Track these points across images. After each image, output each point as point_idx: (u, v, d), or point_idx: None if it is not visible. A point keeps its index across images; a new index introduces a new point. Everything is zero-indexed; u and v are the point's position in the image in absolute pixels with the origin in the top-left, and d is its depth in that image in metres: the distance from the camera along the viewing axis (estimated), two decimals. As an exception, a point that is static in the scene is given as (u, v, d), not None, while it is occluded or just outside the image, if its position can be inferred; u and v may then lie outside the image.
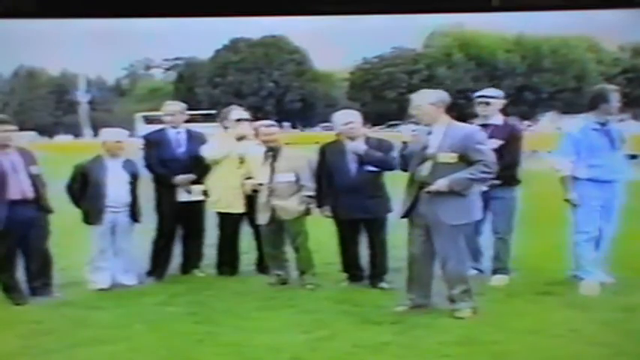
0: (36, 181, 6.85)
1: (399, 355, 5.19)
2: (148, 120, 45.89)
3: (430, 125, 6.02)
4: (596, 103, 6.73)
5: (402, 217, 6.21)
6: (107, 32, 53.82)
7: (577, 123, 6.87)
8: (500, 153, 6.67)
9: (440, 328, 5.69)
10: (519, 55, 71.05)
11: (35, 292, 6.89)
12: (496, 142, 6.75)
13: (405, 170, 6.27)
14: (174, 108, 7.92)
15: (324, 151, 7.25)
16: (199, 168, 7.74)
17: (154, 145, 7.74)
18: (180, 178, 7.62)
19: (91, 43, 60.32)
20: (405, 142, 6.36)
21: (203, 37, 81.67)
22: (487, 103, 7.03)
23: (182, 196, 7.68)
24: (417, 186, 6.03)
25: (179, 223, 7.84)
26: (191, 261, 7.99)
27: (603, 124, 6.71)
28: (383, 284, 7.04)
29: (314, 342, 5.46)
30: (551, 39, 69.89)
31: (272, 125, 7.37)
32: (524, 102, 69.93)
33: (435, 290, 6.26)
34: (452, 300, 6.06)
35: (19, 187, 6.71)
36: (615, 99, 6.71)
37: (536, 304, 6.37)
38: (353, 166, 6.98)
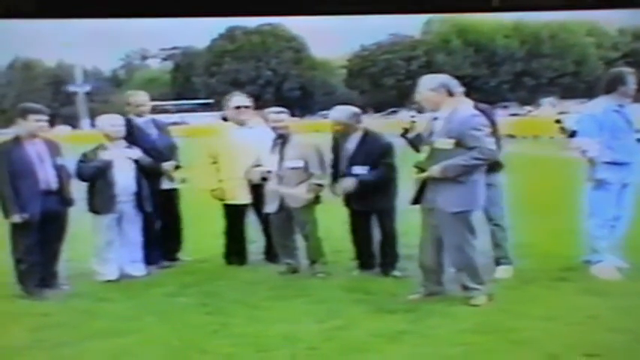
0: (61, 173, 6.77)
1: (415, 344, 5.08)
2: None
3: (435, 111, 5.93)
4: (614, 85, 6.63)
5: (412, 203, 6.12)
6: (103, 23, 53.60)
7: (598, 104, 6.75)
8: None
9: (455, 316, 5.60)
10: (518, 41, 70.93)
11: (43, 284, 6.77)
12: None
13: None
14: (139, 99, 7.85)
15: (335, 140, 7.16)
16: (174, 155, 7.80)
17: (129, 134, 7.54)
18: (167, 165, 7.60)
19: (87, 34, 60.14)
20: (405, 129, 6.30)
21: (199, 26, 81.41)
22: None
23: (164, 184, 7.68)
24: (421, 171, 5.95)
25: (159, 210, 7.73)
26: (173, 247, 7.97)
27: (620, 106, 6.63)
28: (395, 272, 6.94)
29: (329, 331, 5.37)
30: (550, 23, 69.74)
31: (282, 112, 7.24)
32: (524, 87, 69.88)
33: (448, 277, 6.18)
34: (465, 287, 5.98)
35: (44, 178, 6.63)
36: (632, 81, 6.62)
37: (552, 290, 6.26)
38: (343, 163, 6.94)
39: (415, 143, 6.24)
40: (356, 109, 7.07)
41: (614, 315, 5.49)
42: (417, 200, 6.04)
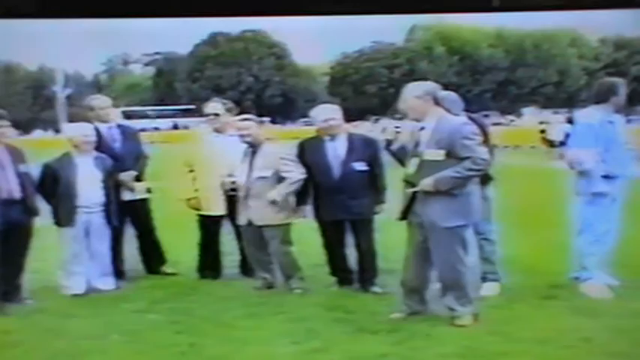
0: (24, 181, 6.41)
1: (398, 368, 4.78)
2: (127, 115, 45.79)
3: (421, 120, 5.62)
4: (607, 95, 6.39)
5: (400, 218, 5.80)
6: (86, 27, 53.30)
7: (592, 115, 6.48)
8: None
9: (440, 338, 5.27)
10: (503, 50, 71.16)
11: (5, 298, 6.38)
12: None
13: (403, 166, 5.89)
14: (100, 103, 7.51)
15: (302, 148, 6.82)
16: (138, 164, 7.47)
17: None
18: (124, 175, 7.24)
19: (70, 38, 59.80)
20: (388, 140, 6.02)
21: (182, 31, 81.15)
22: None
23: (125, 195, 7.31)
24: (411, 185, 5.63)
25: (125, 222, 7.44)
26: (152, 260, 7.67)
27: (613, 117, 6.38)
28: (375, 288, 6.62)
29: (305, 354, 5.05)
30: (534, 33, 70.07)
31: (247, 119, 6.87)
32: (506, 96, 70.06)
33: (432, 296, 5.87)
34: (450, 308, 5.64)
35: (6, 186, 6.26)
36: (624, 92, 6.38)
37: (541, 309, 5.96)
38: (335, 164, 6.57)
39: (399, 156, 5.94)
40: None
41: (609, 337, 5.19)
42: (404, 215, 5.74)
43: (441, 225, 5.48)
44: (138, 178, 7.38)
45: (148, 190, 7.48)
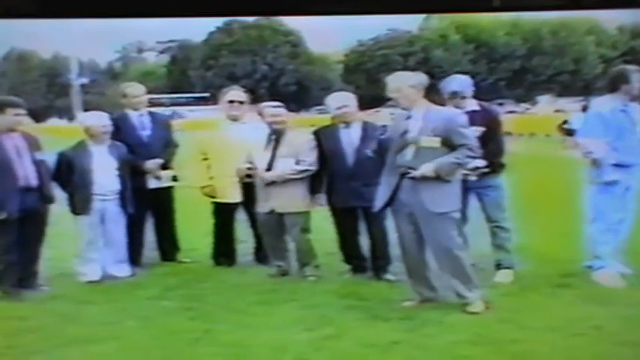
0: (40, 168, 6.46)
1: (410, 356, 4.79)
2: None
3: (408, 109, 5.67)
4: (616, 84, 6.35)
5: (382, 208, 5.86)
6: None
7: (604, 103, 6.46)
8: (484, 141, 6.16)
9: (452, 326, 5.31)
10: (520, 38, 70.67)
11: (21, 285, 6.45)
12: (478, 130, 6.27)
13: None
14: (133, 90, 7.55)
15: (318, 136, 6.86)
16: (167, 152, 7.49)
17: (117, 129, 7.19)
18: (150, 163, 7.28)
19: (84, 26, 59.84)
20: (384, 127, 6.08)
21: (197, 19, 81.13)
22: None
23: (151, 183, 7.36)
24: (399, 173, 5.68)
25: (149, 210, 7.51)
26: (169, 248, 7.72)
27: (626, 106, 6.34)
28: (389, 276, 6.66)
29: (319, 341, 5.07)
30: (551, 21, 69.52)
31: (279, 106, 6.94)
32: (521, 84, 69.64)
33: (442, 283, 5.88)
34: (459, 295, 5.70)
35: (24, 174, 6.31)
36: (637, 79, 6.32)
37: (553, 297, 5.97)
38: (349, 151, 6.63)
39: (384, 145, 5.96)
40: None
41: (620, 326, 5.19)
42: (388, 204, 5.80)
43: (433, 211, 5.54)
44: (165, 166, 7.41)
45: (174, 178, 7.49)
